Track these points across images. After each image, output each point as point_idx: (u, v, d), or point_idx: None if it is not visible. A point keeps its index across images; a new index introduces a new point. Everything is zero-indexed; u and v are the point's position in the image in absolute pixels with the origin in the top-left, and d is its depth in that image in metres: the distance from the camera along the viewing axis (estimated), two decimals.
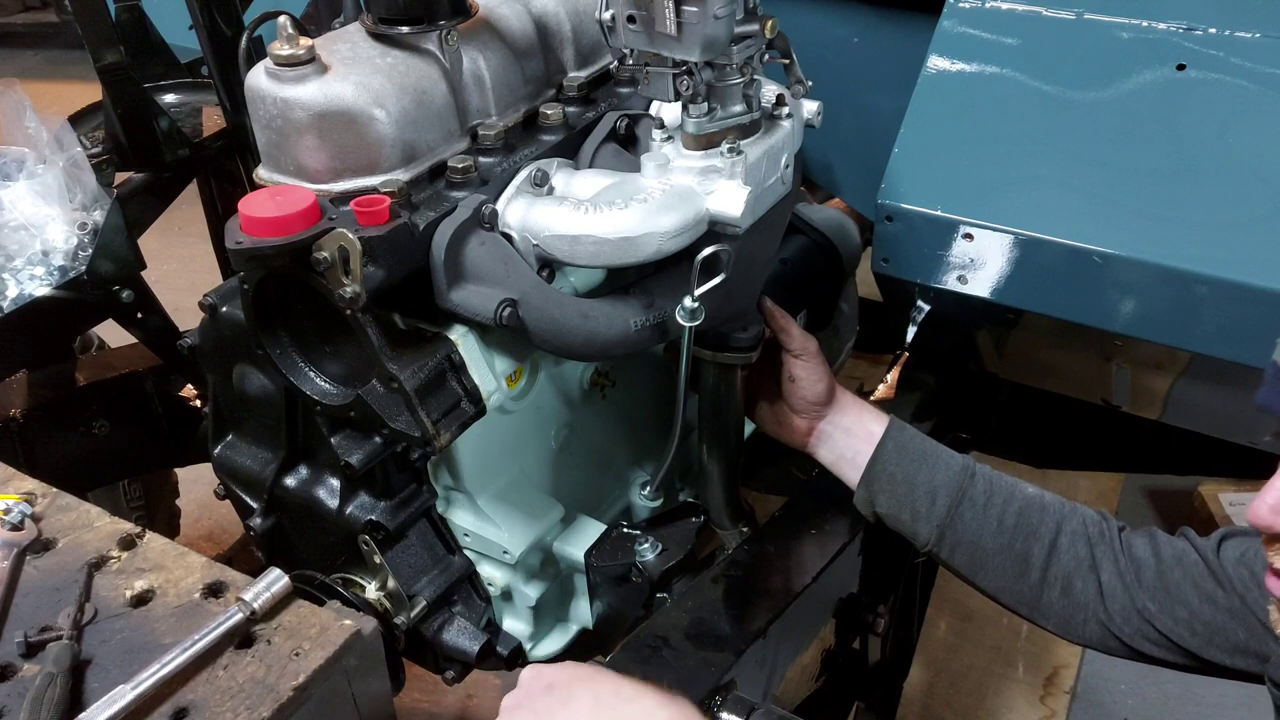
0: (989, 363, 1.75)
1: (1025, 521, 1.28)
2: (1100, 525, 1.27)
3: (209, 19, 1.67)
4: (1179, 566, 1.19)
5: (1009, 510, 1.29)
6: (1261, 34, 1.33)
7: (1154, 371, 1.52)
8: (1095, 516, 1.29)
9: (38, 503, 1.21)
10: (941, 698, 2.52)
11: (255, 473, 1.35)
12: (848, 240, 1.79)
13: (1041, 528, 1.28)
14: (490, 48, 1.27)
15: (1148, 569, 1.21)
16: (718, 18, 1.09)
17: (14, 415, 1.82)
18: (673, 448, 1.41)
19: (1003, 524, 1.28)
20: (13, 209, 1.68)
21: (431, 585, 1.34)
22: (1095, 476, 2.98)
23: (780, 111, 1.27)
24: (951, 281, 1.48)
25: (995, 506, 1.29)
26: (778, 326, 1.43)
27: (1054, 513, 1.29)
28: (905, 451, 1.35)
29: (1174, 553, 1.21)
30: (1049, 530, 1.27)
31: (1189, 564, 1.19)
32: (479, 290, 1.14)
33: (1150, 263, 1.32)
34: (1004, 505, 1.29)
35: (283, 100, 1.13)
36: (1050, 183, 1.41)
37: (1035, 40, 1.46)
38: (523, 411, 1.40)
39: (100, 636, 1.05)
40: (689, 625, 1.30)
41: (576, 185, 1.25)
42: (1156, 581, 1.20)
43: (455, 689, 2.01)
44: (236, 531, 2.75)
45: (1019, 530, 1.28)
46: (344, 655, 1.04)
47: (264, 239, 1.04)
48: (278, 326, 1.19)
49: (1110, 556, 1.24)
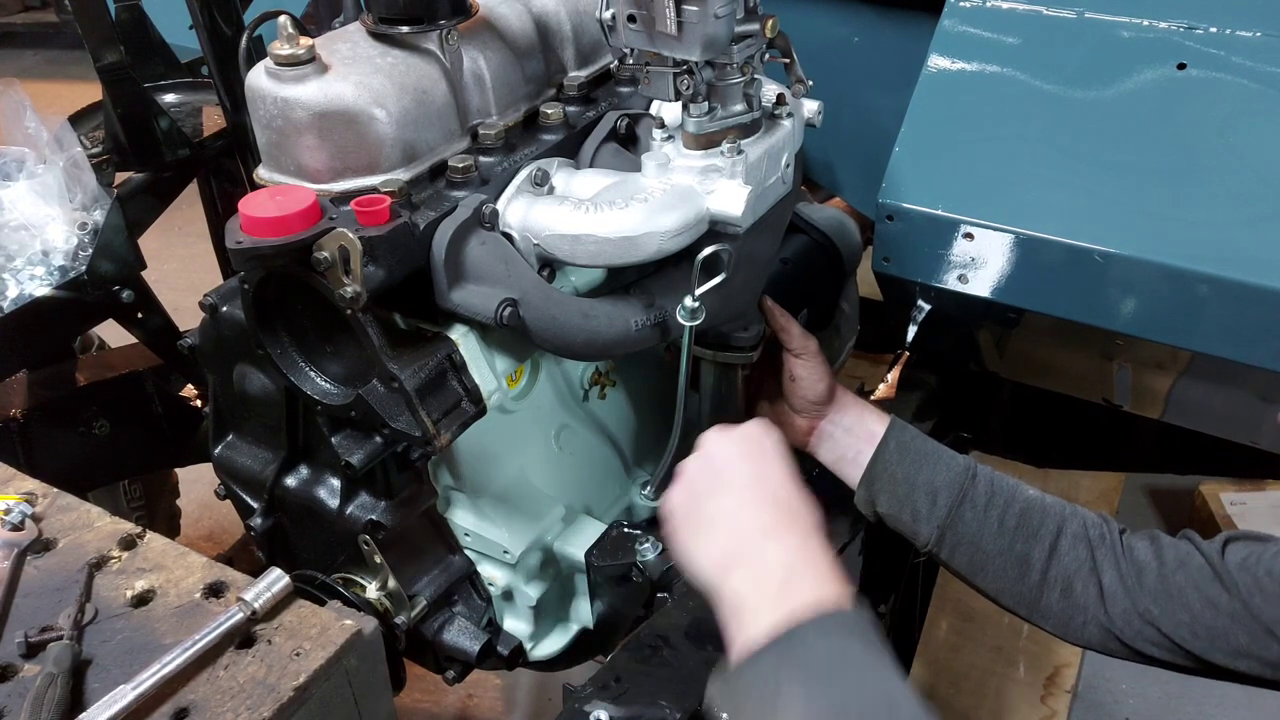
0: (990, 362, 1.75)
1: (1026, 523, 1.28)
2: (1101, 528, 1.27)
3: (209, 19, 1.67)
4: (1182, 570, 1.19)
5: (1010, 512, 1.29)
6: (1262, 33, 1.33)
7: (1155, 371, 1.52)
8: (1096, 519, 1.29)
9: (38, 503, 1.21)
10: (942, 698, 2.52)
11: (256, 473, 1.35)
12: (848, 239, 1.79)
13: (1042, 529, 1.27)
14: (490, 47, 1.27)
15: (1150, 572, 1.21)
16: (718, 17, 1.09)
17: (14, 415, 1.82)
18: (673, 448, 1.40)
19: (1003, 525, 1.28)
20: (13, 209, 1.68)
21: (432, 585, 1.34)
22: (1096, 476, 2.98)
23: (781, 111, 1.27)
24: (952, 281, 1.47)
25: (996, 508, 1.29)
26: (778, 326, 1.43)
27: (1055, 515, 1.29)
28: (906, 451, 1.35)
29: (1177, 556, 1.21)
30: (1049, 532, 1.27)
31: (1192, 568, 1.19)
32: (479, 290, 1.14)
33: (1151, 262, 1.31)
34: (1005, 507, 1.29)
35: (283, 100, 1.12)
36: (1051, 182, 1.40)
37: (1036, 39, 1.46)
38: (523, 411, 1.40)
39: (101, 636, 1.05)
40: (689, 625, 1.30)
41: (577, 185, 1.25)
42: (1158, 585, 1.20)
43: (456, 689, 2.01)
44: (237, 531, 2.75)
45: (1019, 532, 1.28)
46: (345, 655, 1.04)
47: (264, 239, 1.03)
48: (278, 326, 1.19)
49: (1111, 559, 1.24)
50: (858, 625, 0.93)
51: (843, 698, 0.86)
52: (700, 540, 1.05)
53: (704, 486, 1.09)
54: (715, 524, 1.05)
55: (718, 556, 1.02)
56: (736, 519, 1.05)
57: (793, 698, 0.86)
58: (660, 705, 1.17)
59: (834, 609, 0.93)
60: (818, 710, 0.85)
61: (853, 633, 0.92)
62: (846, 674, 0.88)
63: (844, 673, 0.88)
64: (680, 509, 1.10)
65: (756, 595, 0.96)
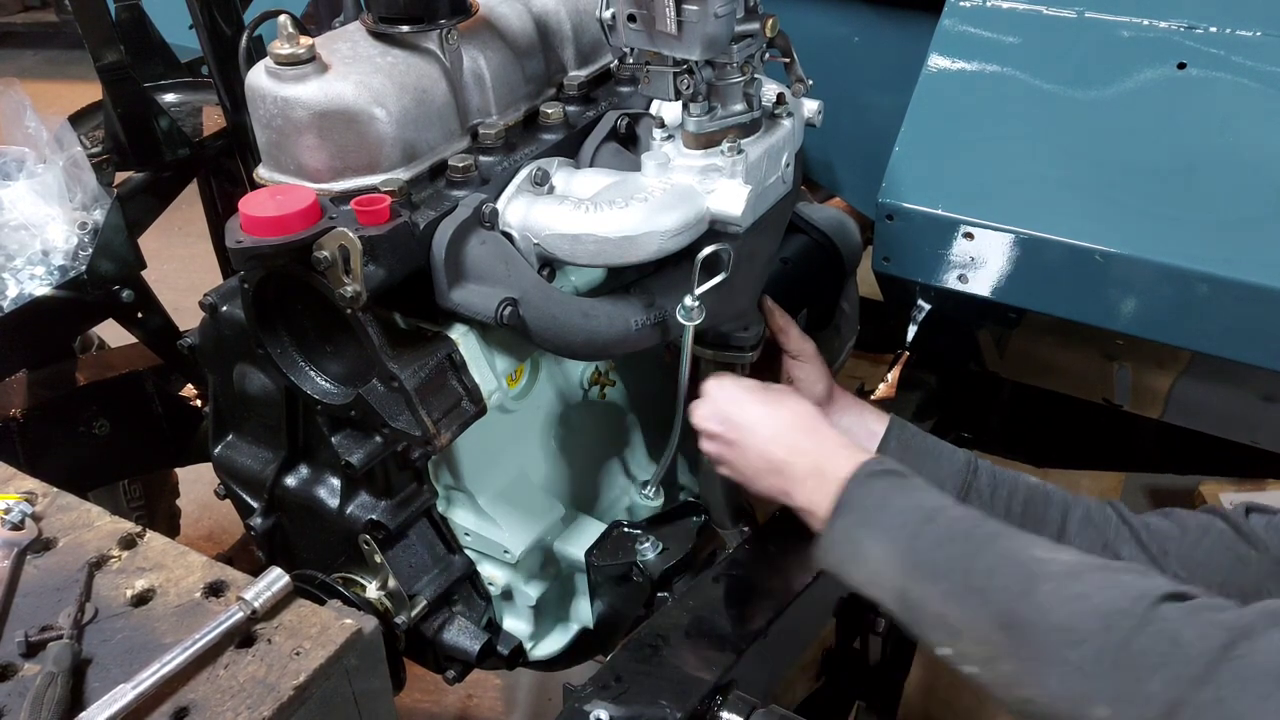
0: (990, 362, 1.74)
1: (1032, 510, 1.29)
2: (1105, 510, 1.28)
3: (209, 18, 1.67)
4: (1207, 536, 1.20)
5: (1015, 500, 1.30)
6: (1262, 33, 1.33)
7: (1155, 370, 1.52)
8: (1099, 503, 1.30)
9: (38, 502, 1.21)
10: (942, 697, 2.52)
11: (256, 472, 1.35)
12: (848, 239, 1.79)
13: (1048, 514, 1.28)
14: (491, 47, 1.27)
15: (1173, 540, 1.22)
16: (718, 16, 1.09)
17: (14, 415, 1.82)
18: (673, 448, 1.41)
19: (1010, 513, 1.29)
20: (13, 209, 1.68)
21: (432, 585, 1.34)
22: (1096, 476, 2.97)
23: (781, 110, 1.27)
24: (952, 280, 1.47)
25: (1001, 497, 1.30)
26: (777, 327, 1.43)
27: (1059, 501, 1.30)
28: (908, 448, 1.35)
29: (1199, 524, 1.22)
30: (1055, 517, 1.28)
31: (1216, 532, 1.20)
32: (480, 289, 1.14)
33: (1151, 261, 1.31)
34: (1009, 496, 1.30)
35: (283, 99, 1.12)
36: (1051, 181, 1.40)
37: (1036, 39, 1.46)
38: (523, 411, 1.40)
39: (101, 636, 1.05)
40: (689, 624, 1.29)
41: (577, 184, 1.25)
42: (1186, 551, 1.21)
43: (456, 688, 2.01)
44: (237, 531, 2.75)
45: (1026, 519, 1.28)
46: (345, 655, 1.04)
47: (264, 238, 1.03)
48: (278, 326, 1.19)
49: (1126, 535, 1.24)
50: (893, 469, 1.14)
51: (906, 535, 1.05)
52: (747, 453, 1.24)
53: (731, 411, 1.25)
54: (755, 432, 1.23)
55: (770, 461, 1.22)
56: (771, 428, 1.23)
57: (871, 542, 1.08)
58: (660, 705, 1.17)
59: (866, 469, 1.13)
60: (888, 545, 1.06)
61: (888, 474, 1.13)
62: (889, 510, 1.09)
63: (888, 511, 1.09)
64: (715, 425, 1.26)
65: (816, 480, 1.16)
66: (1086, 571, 0.95)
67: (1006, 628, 0.95)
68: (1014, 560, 0.98)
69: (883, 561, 1.06)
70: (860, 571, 1.09)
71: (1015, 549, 1.00)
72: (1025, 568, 0.97)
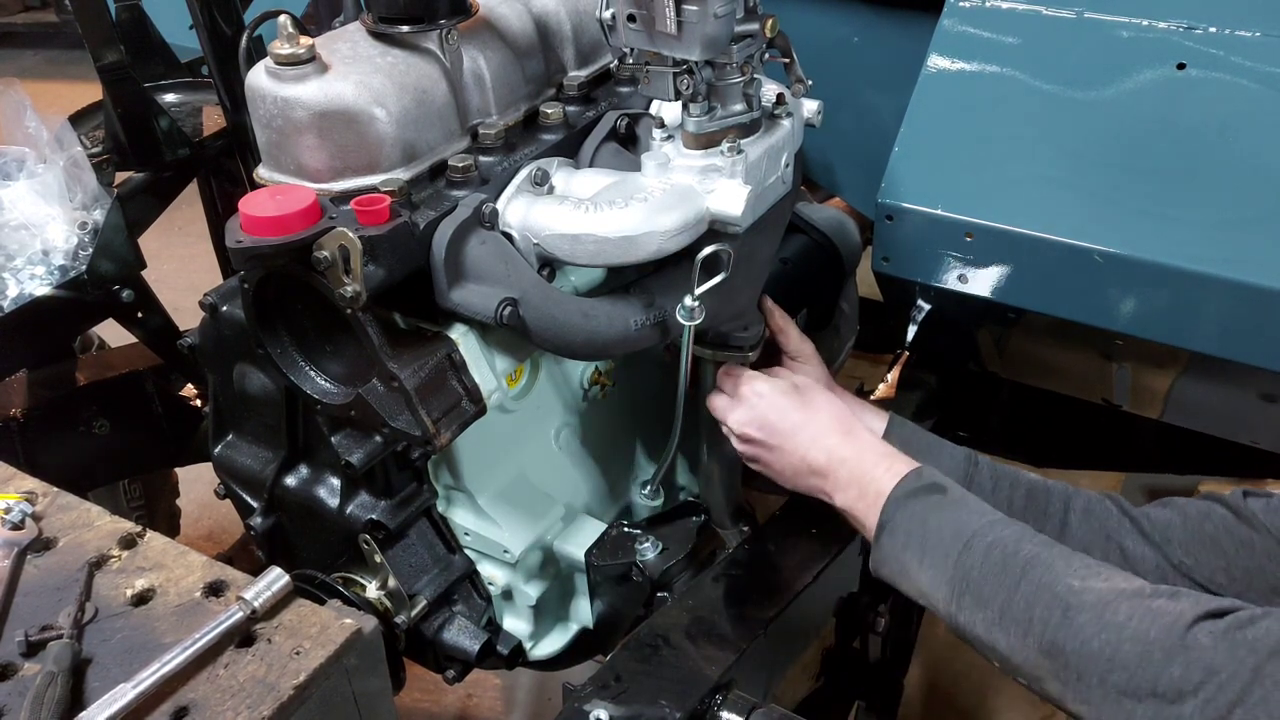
0: (989, 362, 1.75)
1: (1034, 503, 1.29)
2: (1105, 503, 1.29)
3: (209, 18, 1.67)
4: (1208, 521, 1.22)
5: (1016, 494, 1.30)
6: (1262, 33, 1.33)
7: (1154, 370, 1.52)
8: (1099, 496, 1.31)
9: (38, 502, 1.21)
10: (942, 697, 2.52)
11: (256, 472, 1.35)
12: (848, 239, 1.79)
13: (1050, 507, 1.29)
14: (490, 47, 1.27)
15: (1176, 527, 1.23)
16: (718, 16, 1.09)
17: (14, 415, 1.82)
18: (673, 448, 1.41)
19: (1012, 507, 1.29)
20: (13, 209, 1.68)
21: (432, 584, 1.34)
22: (1096, 476, 2.97)
23: (780, 110, 1.27)
24: (952, 281, 1.47)
25: (1003, 491, 1.30)
26: (776, 328, 1.43)
27: (1059, 494, 1.30)
28: (909, 446, 1.35)
29: (1200, 510, 1.24)
30: (1057, 510, 1.29)
31: (1217, 517, 1.22)
32: (479, 289, 1.14)
33: (1151, 262, 1.31)
34: (1011, 489, 1.31)
35: (283, 99, 1.13)
36: (1050, 182, 1.41)
37: (1035, 39, 1.46)
38: (523, 411, 1.40)
39: (101, 635, 1.05)
40: (689, 624, 1.30)
41: (577, 184, 1.25)
42: (1189, 537, 1.22)
43: (455, 688, 2.01)
44: (236, 531, 2.75)
45: (1029, 512, 1.29)
46: (344, 654, 1.04)
47: (264, 238, 1.04)
48: (278, 326, 1.19)
49: (1128, 525, 1.26)
50: (930, 483, 1.19)
51: (949, 563, 1.11)
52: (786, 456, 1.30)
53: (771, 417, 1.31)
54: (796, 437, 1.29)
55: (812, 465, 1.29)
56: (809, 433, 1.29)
57: (915, 566, 1.15)
58: (660, 705, 1.17)
59: (903, 488, 1.19)
60: (931, 572, 1.13)
61: (930, 491, 1.18)
62: (928, 533, 1.15)
63: (927, 535, 1.14)
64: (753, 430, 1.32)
65: (857, 489, 1.24)
66: (1120, 600, 1.00)
67: (1049, 655, 1.01)
68: (1050, 592, 1.04)
69: (928, 585, 1.14)
70: (911, 589, 1.18)
71: (1050, 580, 1.05)
72: (1062, 600, 1.02)
